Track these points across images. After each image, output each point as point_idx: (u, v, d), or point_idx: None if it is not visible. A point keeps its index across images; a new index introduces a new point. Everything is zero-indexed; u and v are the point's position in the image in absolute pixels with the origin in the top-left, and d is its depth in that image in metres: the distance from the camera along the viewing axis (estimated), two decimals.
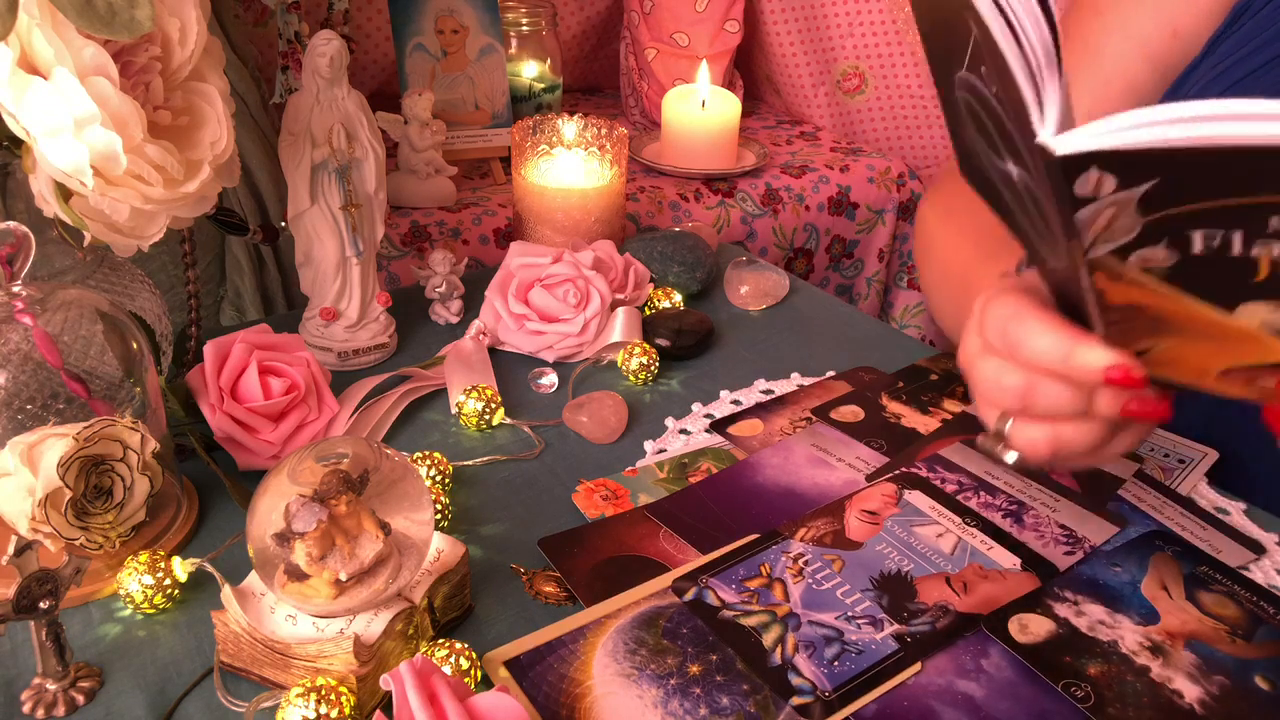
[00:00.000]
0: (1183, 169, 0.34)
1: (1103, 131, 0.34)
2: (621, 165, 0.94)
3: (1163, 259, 0.38)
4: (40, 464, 0.50)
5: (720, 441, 0.71)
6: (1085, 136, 0.35)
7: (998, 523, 0.62)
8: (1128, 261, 0.39)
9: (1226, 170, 0.33)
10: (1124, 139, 0.34)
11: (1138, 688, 0.51)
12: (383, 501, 0.50)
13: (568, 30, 1.82)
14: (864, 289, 1.69)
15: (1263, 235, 0.35)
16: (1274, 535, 0.63)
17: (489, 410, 0.71)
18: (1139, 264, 0.39)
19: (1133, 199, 0.36)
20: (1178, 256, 0.38)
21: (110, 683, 0.50)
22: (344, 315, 0.78)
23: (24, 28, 0.51)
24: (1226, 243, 0.36)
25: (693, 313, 0.85)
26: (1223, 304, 0.40)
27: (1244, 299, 0.39)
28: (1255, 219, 0.34)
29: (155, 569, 0.54)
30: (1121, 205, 0.36)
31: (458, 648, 0.49)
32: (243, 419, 0.64)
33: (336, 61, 0.72)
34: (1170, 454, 0.71)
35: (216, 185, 0.60)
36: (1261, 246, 0.35)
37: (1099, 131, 0.34)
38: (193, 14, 0.58)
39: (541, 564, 0.59)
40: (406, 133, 1.30)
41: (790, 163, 1.61)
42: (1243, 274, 0.37)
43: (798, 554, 0.59)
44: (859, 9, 1.67)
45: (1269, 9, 0.66)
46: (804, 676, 0.51)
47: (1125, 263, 0.39)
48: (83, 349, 0.56)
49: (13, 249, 0.53)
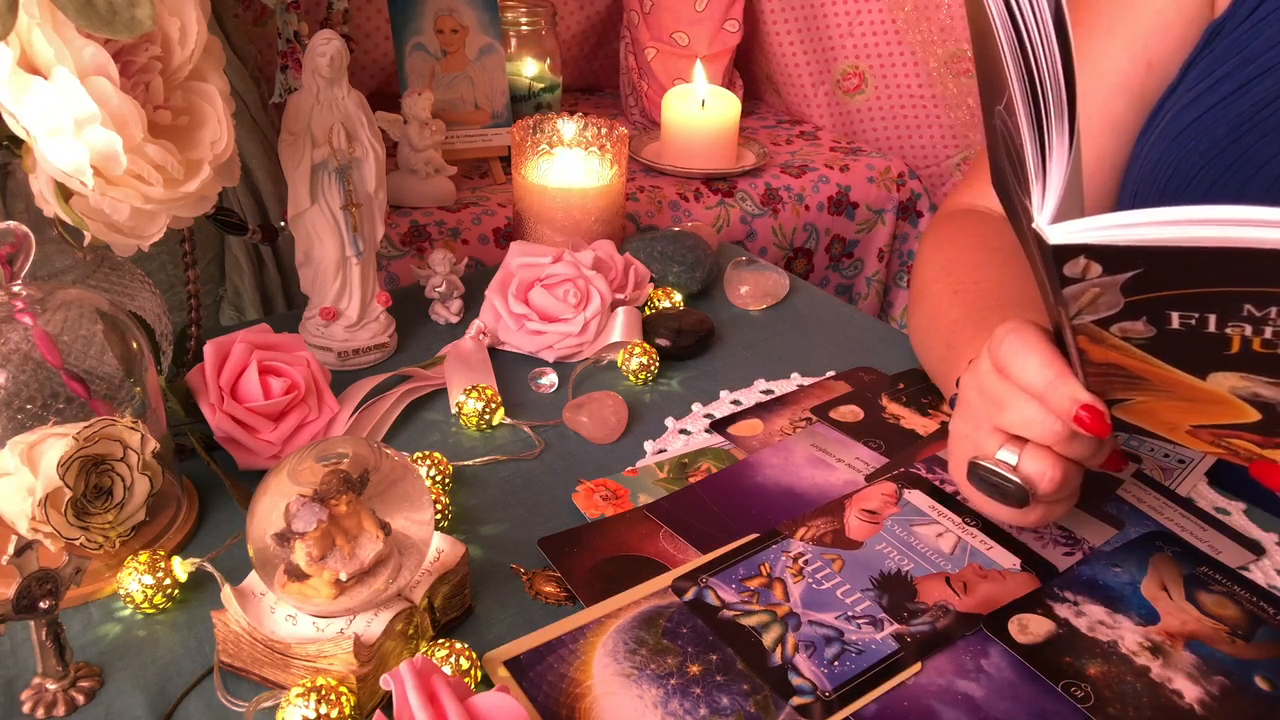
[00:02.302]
0: (1163, 262, 0.37)
1: (1091, 228, 0.37)
2: (621, 165, 0.94)
3: (1141, 331, 0.41)
4: (40, 464, 0.50)
5: (720, 441, 0.71)
6: (1075, 230, 0.38)
7: (997, 523, 0.62)
8: (1109, 330, 0.42)
9: (1203, 266, 0.36)
10: (1110, 236, 0.37)
11: (1137, 688, 0.51)
12: (383, 501, 0.50)
13: (568, 30, 1.82)
14: (864, 289, 1.69)
15: (1236, 318, 0.38)
16: (1274, 535, 0.63)
17: (489, 410, 0.71)
18: (1119, 333, 0.42)
19: (1117, 283, 0.39)
20: (1155, 330, 0.41)
21: (110, 683, 0.50)
22: (344, 315, 0.78)
23: (24, 27, 0.51)
24: (1203, 322, 0.39)
25: (693, 313, 0.85)
26: (1195, 372, 0.42)
27: (1215, 369, 0.42)
28: (1229, 305, 0.37)
29: (155, 569, 0.54)
30: (1106, 287, 0.39)
31: (458, 648, 0.49)
32: (243, 419, 0.64)
33: (336, 61, 0.72)
34: (1170, 454, 0.71)
35: (216, 185, 0.60)
36: (1234, 327, 0.38)
37: (1088, 228, 0.37)
38: (193, 14, 0.58)
39: (541, 564, 0.59)
40: (406, 132, 1.30)
41: (790, 162, 1.61)
42: (1215, 348, 0.40)
43: (798, 553, 0.59)
44: (859, 9, 1.67)
45: (1239, 31, 0.66)
46: (804, 676, 0.51)
47: (1107, 330, 0.42)
48: (83, 349, 0.56)
49: (13, 249, 0.53)
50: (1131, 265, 0.37)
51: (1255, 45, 0.65)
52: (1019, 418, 0.52)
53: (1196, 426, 0.48)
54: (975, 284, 0.69)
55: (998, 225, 0.76)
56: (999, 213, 0.78)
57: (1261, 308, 0.37)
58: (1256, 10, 0.66)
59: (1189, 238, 0.35)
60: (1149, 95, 0.72)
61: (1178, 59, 0.70)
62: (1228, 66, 0.66)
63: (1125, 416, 0.50)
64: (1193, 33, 0.70)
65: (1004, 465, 0.53)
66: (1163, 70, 0.71)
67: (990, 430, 0.54)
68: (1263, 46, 0.64)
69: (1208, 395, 0.44)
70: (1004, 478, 0.53)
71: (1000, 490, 0.53)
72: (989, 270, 0.70)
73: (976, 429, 0.55)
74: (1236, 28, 0.66)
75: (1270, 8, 0.65)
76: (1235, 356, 0.40)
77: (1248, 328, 0.38)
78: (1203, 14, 0.70)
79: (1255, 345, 0.39)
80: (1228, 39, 0.67)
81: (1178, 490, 0.67)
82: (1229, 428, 0.46)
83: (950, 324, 0.68)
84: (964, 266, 0.72)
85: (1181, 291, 0.38)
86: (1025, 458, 0.52)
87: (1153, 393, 0.46)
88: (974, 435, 0.55)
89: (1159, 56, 0.71)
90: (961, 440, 0.57)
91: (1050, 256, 0.39)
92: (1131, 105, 0.72)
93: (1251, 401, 0.43)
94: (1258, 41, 0.65)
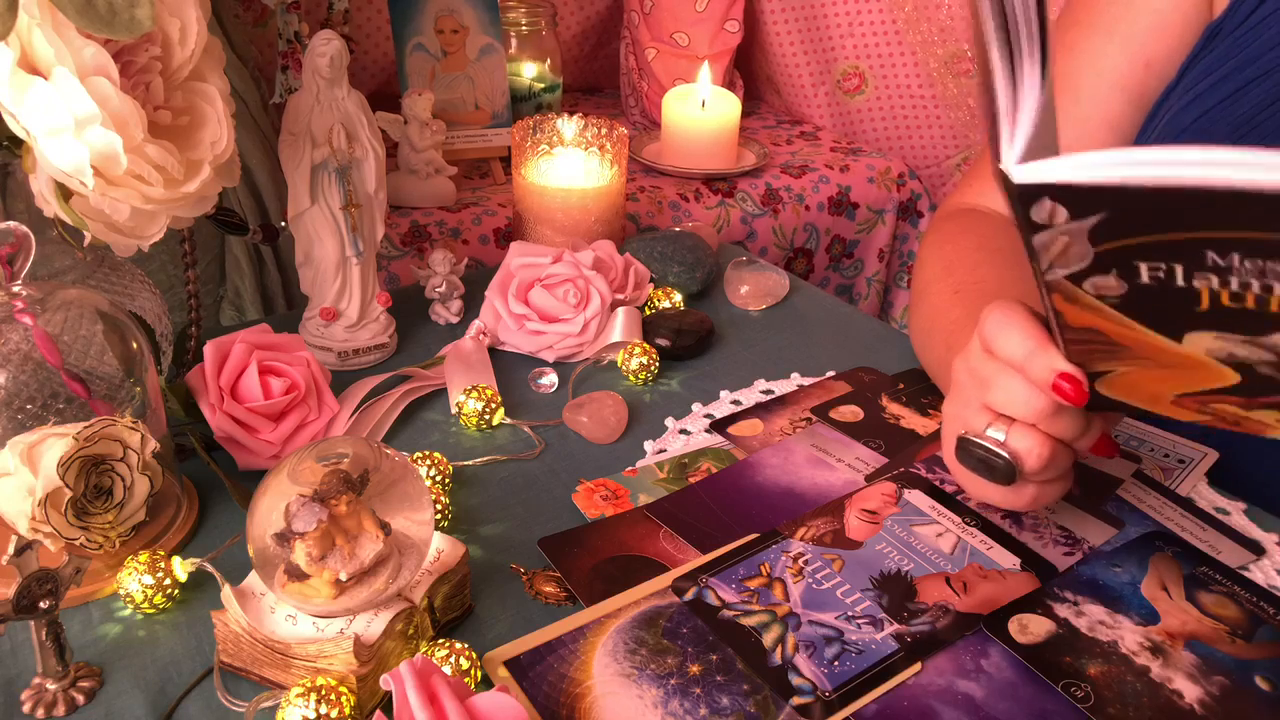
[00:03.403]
0: (1126, 205, 0.37)
1: (1055, 167, 0.38)
2: (621, 165, 0.94)
3: (1114, 288, 0.41)
4: (40, 464, 0.50)
5: (720, 441, 0.71)
6: (1039, 169, 0.38)
7: (997, 523, 0.62)
8: (1083, 287, 0.42)
9: (1164, 209, 0.36)
10: (1073, 176, 0.37)
11: (1138, 688, 0.51)
12: (383, 501, 0.50)
13: (568, 30, 1.82)
14: (864, 289, 1.69)
15: (1201, 269, 0.38)
16: (1274, 535, 0.63)
17: (489, 410, 0.71)
18: (1093, 290, 0.42)
19: (1084, 230, 0.39)
20: (1127, 286, 0.41)
21: (110, 683, 0.50)
22: (344, 315, 0.78)
23: (24, 28, 0.51)
24: (1170, 274, 0.39)
25: (693, 313, 0.85)
26: (1170, 333, 0.43)
27: (1189, 329, 0.42)
28: (1193, 254, 0.38)
29: (155, 569, 0.54)
30: (1074, 235, 0.40)
31: (458, 648, 0.49)
32: (243, 419, 0.64)
33: (336, 61, 0.72)
34: (1170, 454, 0.71)
35: (217, 185, 0.60)
36: (1201, 280, 0.39)
37: (1052, 167, 0.38)
38: (193, 14, 0.58)
39: (541, 564, 0.59)
40: (406, 133, 1.30)
41: (790, 163, 1.61)
42: (1186, 304, 0.40)
43: (798, 553, 0.59)
44: (859, 9, 1.67)
45: (1238, 32, 0.66)
46: (804, 676, 0.51)
47: (1080, 287, 0.43)
48: (83, 349, 0.56)
49: (13, 249, 0.53)
50: (1096, 209, 0.38)
51: (1255, 47, 0.65)
52: (1003, 395, 0.53)
53: (1181, 395, 0.48)
54: (976, 284, 0.69)
55: (998, 225, 0.76)
56: (999, 213, 0.78)
57: (1224, 255, 0.37)
58: (1256, 11, 0.66)
59: (1149, 178, 0.36)
60: (1148, 95, 0.72)
61: (1176, 59, 0.71)
62: (1226, 68, 0.66)
63: (1109, 392, 0.51)
64: (1191, 33, 0.70)
65: (992, 441, 0.53)
66: (1161, 70, 0.71)
67: (979, 409, 0.55)
68: (1263, 48, 0.64)
69: (1186, 360, 0.44)
70: (991, 453, 0.53)
71: (988, 466, 0.54)
72: (990, 270, 0.70)
73: (966, 407, 0.56)
74: (1235, 29, 0.66)
75: (1269, 9, 0.65)
76: (1206, 314, 0.40)
77: (1214, 279, 0.38)
78: (1201, 15, 0.70)
79: (1224, 299, 0.39)
80: (1226, 40, 0.67)
81: (1178, 490, 0.67)
82: (1212, 393, 0.46)
83: (951, 323, 0.68)
84: (965, 266, 0.72)
85: (1147, 239, 0.38)
86: (1012, 434, 0.53)
87: (1133, 362, 0.47)
88: (964, 414, 0.56)
89: (1157, 56, 0.71)
90: (952, 420, 0.58)
91: (1017, 199, 0.39)
92: (1130, 105, 0.72)
93: (1229, 363, 0.43)
94: (1258, 43, 0.65)
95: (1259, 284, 0.37)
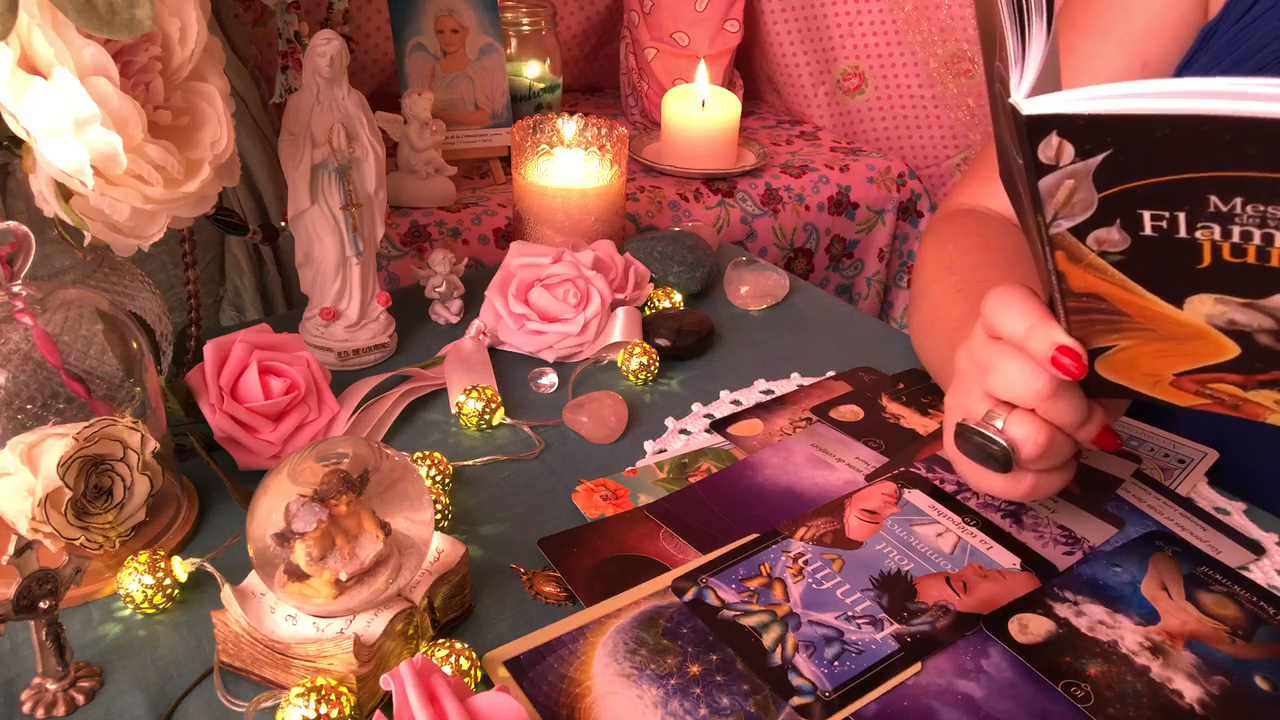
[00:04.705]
0: (1131, 141, 0.38)
1: (1063, 99, 0.38)
2: (621, 165, 0.94)
3: (1117, 242, 0.42)
4: (40, 464, 0.50)
5: (720, 441, 0.71)
6: (1046, 101, 0.39)
7: (997, 522, 0.62)
8: (1086, 242, 0.43)
9: (1169, 144, 0.37)
10: (1080, 106, 0.38)
11: (1138, 688, 0.51)
12: (383, 501, 0.50)
13: (568, 30, 1.82)
14: (864, 289, 1.69)
15: (1204, 217, 0.38)
16: (1274, 535, 0.63)
17: (489, 410, 0.71)
18: (1095, 245, 0.43)
19: (1089, 172, 0.39)
20: (1130, 239, 0.41)
21: (110, 683, 0.50)
22: (344, 315, 0.78)
23: (24, 27, 0.51)
24: (1173, 223, 0.39)
25: (693, 313, 0.85)
26: (1172, 297, 0.43)
27: (1190, 291, 0.42)
28: (1196, 198, 0.38)
29: (155, 569, 0.54)
30: (1079, 178, 0.40)
31: (458, 648, 0.49)
32: (243, 419, 0.64)
33: (336, 61, 0.72)
34: (1170, 454, 0.71)
35: (217, 185, 0.60)
36: (1203, 230, 0.39)
37: (1059, 99, 0.39)
38: (193, 14, 0.58)
39: (541, 564, 0.59)
40: (406, 132, 1.30)
41: (790, 162, 1.61)
42: (1188, 260, 0.40)
43: (798, 553, 0.59)
44: (859, 9, 1.67)
45: (1233, 31, 0.66)
46: (804, 676, 0.51)
47: (1084, 242, 0.43)
48: (83, 349, 0.56)
49: (13, 249, 0.53)
50: (1102, 145, 0.38)
51: (1250, 44, 0.65)
52: (1002, 379, 0.53)
53: (1180, 375, 0.48)
54: (978, 283, 0.69)
55: (998, 224, 0.76)
56: (999, 212, 0.78)
57: (1227, 200, 0.37)
58: (1250, 10, 0.66)
59: (1155, 109, 0.36)
60: None
61: (1172, 60, 0.71)
62: (1222, 67, 0.66)
63: (1108, 372, 0.51)
64: (1187, 34, 0.70)
65: (990, 427, 0.54)
66: (1158, 71, 0.71)
67: (980, 396, 0.55)
68: (1257, 44, 0.65)
69: (1187, 330, 0.44)
70: (989, 439, 0.54)
71: (986, 453, 0.54)
72: (992, 269, 0.70)
73: (967, 396, 0.56)
74: (1230, 29, 0.67)
75: (1264, 8, 0.65)
76: (1208, 271, 0.40)
77: (1216, 229, 0.39)
78: (1197, 17, 0.70)
79: (1225, 253, 0.39)
80: (1221, 40, 0.67)
81: (1178, 490, 0.67)
82: (1211, 370, 0.46)
83: (953, 322, 0.68)
84: (966, 266, 0.72)
85: (1151, 180, 0.38)
86: (1010, 421, 0.53)
87: (1134, 334, 0.47)
88: (965, 402, 0.56)
89: (1154, 57, 0.71)
90: (953, 409, 0.58)
91: (1025, 137, 0.40)
92: None
93: (1228, 332, 0.43)
94: (1252, 40, 0.65)
95: (1260, 234, 0.38)
